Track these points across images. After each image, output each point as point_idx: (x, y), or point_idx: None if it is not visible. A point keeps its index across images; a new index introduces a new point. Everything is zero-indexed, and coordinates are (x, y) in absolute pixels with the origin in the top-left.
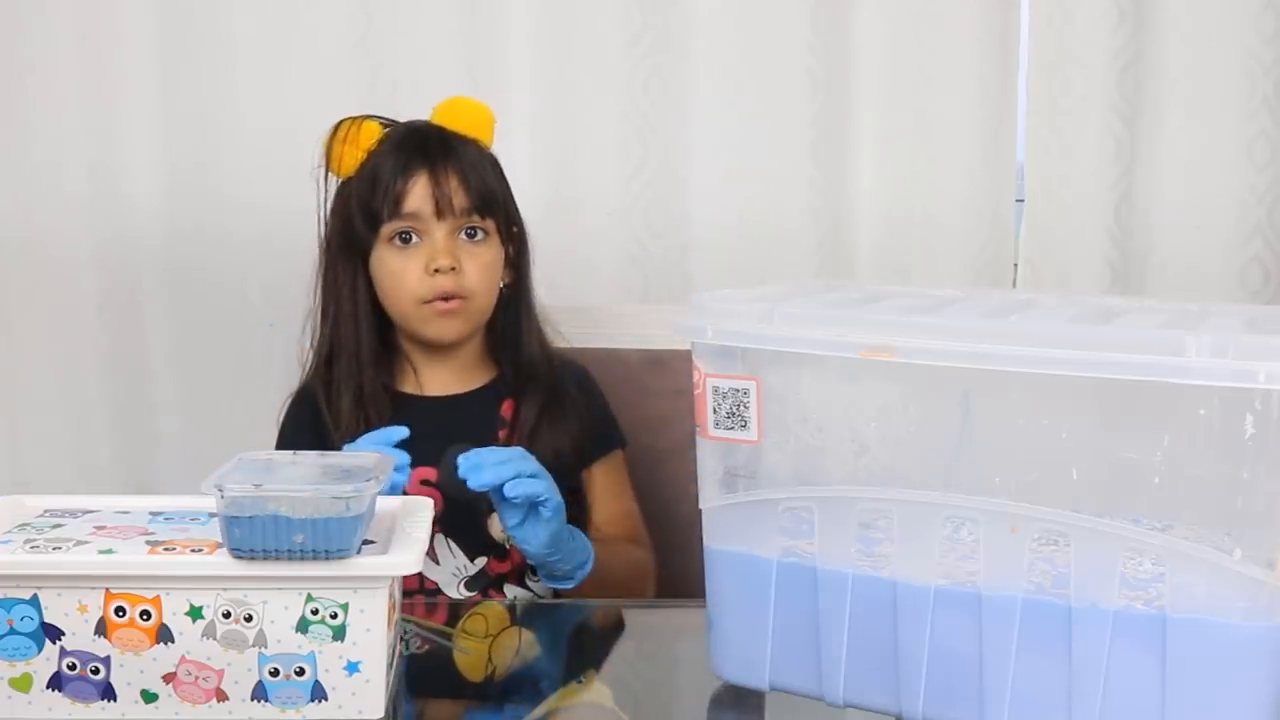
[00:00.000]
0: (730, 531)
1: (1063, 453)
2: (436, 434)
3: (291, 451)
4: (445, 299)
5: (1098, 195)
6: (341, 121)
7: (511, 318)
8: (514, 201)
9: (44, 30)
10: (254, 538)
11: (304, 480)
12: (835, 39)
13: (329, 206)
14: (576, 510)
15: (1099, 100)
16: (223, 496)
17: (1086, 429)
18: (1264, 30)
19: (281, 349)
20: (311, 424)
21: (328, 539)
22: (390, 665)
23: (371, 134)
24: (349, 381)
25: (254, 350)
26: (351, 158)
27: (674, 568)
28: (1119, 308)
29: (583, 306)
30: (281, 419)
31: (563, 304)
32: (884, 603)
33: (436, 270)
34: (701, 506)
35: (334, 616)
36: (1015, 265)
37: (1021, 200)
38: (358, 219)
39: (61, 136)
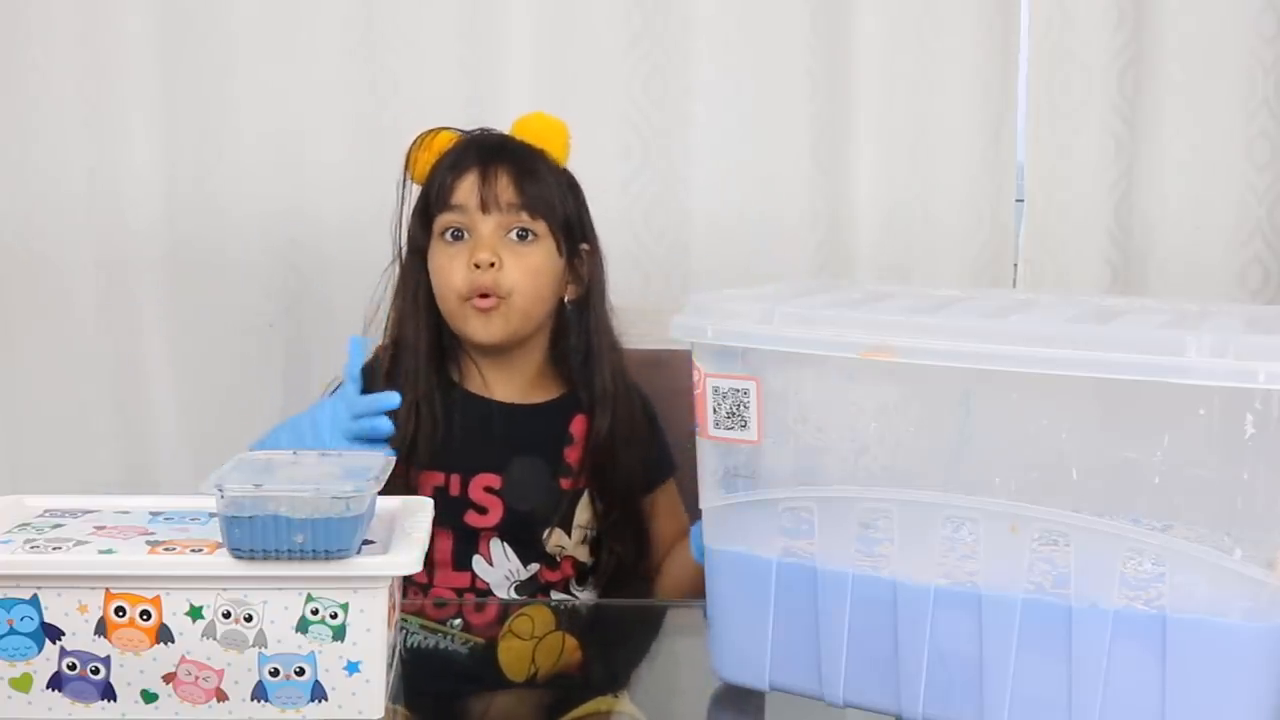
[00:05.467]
0: (730, 531)
1: (1063, 453)
2: (504, 441)
3: (291, 451)
4: (483, 296)
5: (1098, 195)
6: (422, 132)
7: (581, 335)
8: (588, 220)
9: (44, 30)
10: (254, 538)
11: (304, 480)
12: (835, 39)
13: (407, 213)
14: (636, 534)
15: (1099, 100)
16: (223, 496)
17: (1086, 429)
18: (1264, 30)
19: (282, 349)
20: None
21: (328, 539)
22: (390, 665)
23: (444, 142)
24: (406, 380)
25: (254, 350)
26: (424, 163)
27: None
28: (1119, 308)
29: None
30: None
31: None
32: (884, 603)
33: (477, 265)
34: (701, 506)
35: (334, 616)
36: (1015, 265)
37: (1021, 200)
38: (417, 217)
39: (61, 137)
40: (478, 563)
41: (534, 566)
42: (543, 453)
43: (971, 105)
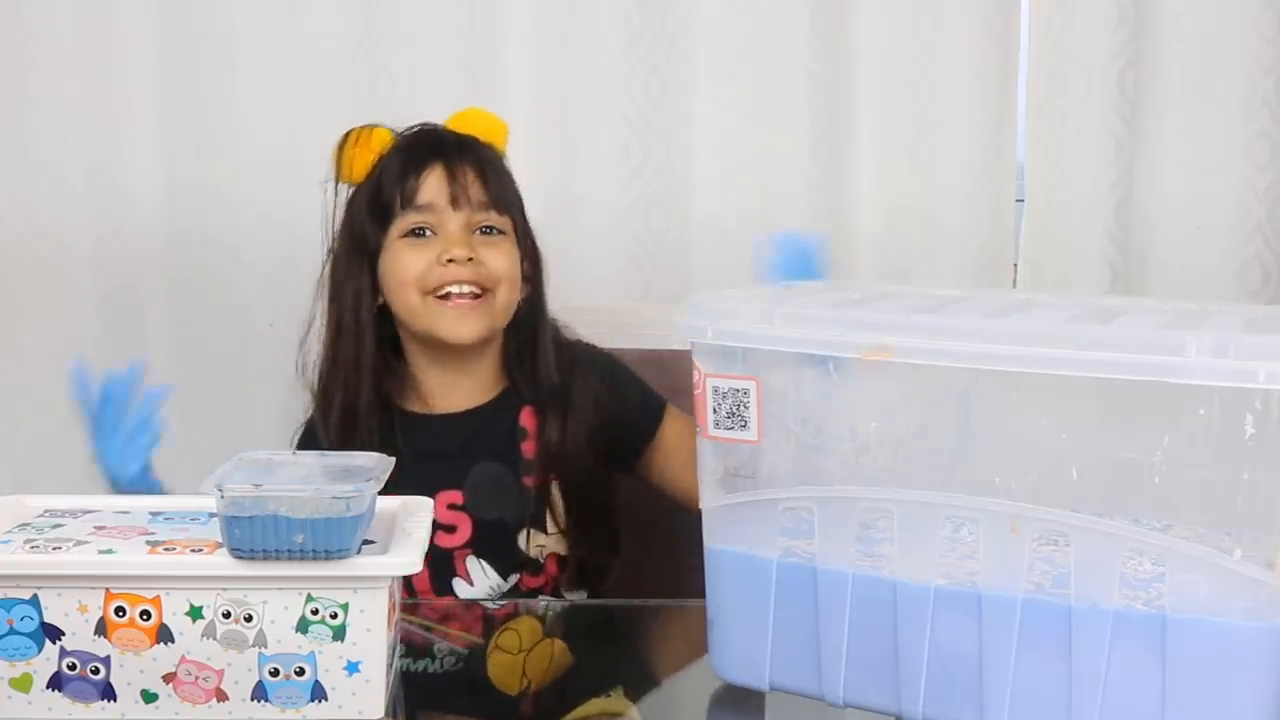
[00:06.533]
0: (730, 531)
1: (1063, 453)
2: (458, 453)
3: (292, 451)
4: (463, 295)
5: (1098, 195)
6: (351, 130)
7: (528, 333)
8: (527, 215)
9: (44, 30)
10: (254, 538)
11: (304, 480)
12: (835, 39)
13: (337, 217)
14: (604, 525)
15: (1099, 100)
16: (223, 496)
17: (1086, 429)
18: (1264, 30)
19: (282, 349)
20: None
21: (328, 539)
22: (390, 665)
23: (383, 139)
24: (344, 393)
25: (254, 350)
26: (363, 162)
27: (675, 568)
28: (1119, 308)
29: (583, 306)
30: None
31: (563, 304)
32: (884, 603)
33: (450, 260)
34: (701, 506)
35: (334, 616)
36: (1015, 265)
37: (1021, 200)
38: (366, 219)
39: (61, 136)
40: (458, 584)
41: (514, 577)
42: (499, 455)
43: (971, 105)
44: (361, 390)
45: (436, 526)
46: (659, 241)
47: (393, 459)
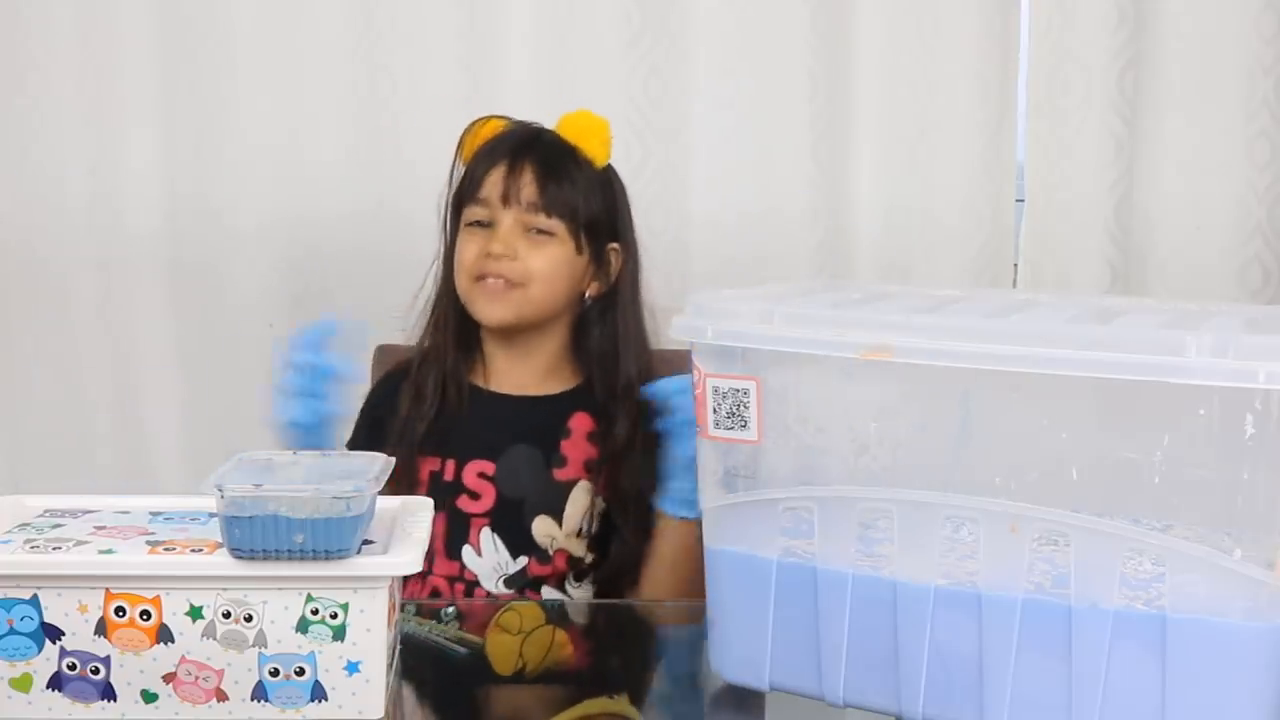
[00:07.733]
0: (730, 531)
1: (1063, 453)
2: (500, 429)
3: (291, 451)
4: (496, 281)
5: (1098, 195)
6: (477, 118)
7: (606, 333)
8: (623, 219)
9: (44, 31)
10: (254, 538)
11: (304, 480)
12: (835, 39)
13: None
14: (645, 532)
15: (1099, 100)
16: (223, 496)
17: (1086, 429)
18: (1264, 30)
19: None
20: (392, 394)
21: (328, 539)
22: (390, 665)
23: (492, 130)
24: (436, 361)
25: (254, 350)
26: (469, 149)
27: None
28: (1119, 308)
29: None
30: (376, 382)
31: None
32: (884, 603)
33: (488, 254)
34: (702, 506)
35: (334, 616)
36: (1015, 265)
37: (1021, 200)
38: (450, 206)
39: (61, 137)
40: (467, 553)
41: (523, 560)
42: (538, 442)
43: (971, 105)
44: (447, 359)
45: (462, 490)
46: (659, 241)
47: (393, 459)
